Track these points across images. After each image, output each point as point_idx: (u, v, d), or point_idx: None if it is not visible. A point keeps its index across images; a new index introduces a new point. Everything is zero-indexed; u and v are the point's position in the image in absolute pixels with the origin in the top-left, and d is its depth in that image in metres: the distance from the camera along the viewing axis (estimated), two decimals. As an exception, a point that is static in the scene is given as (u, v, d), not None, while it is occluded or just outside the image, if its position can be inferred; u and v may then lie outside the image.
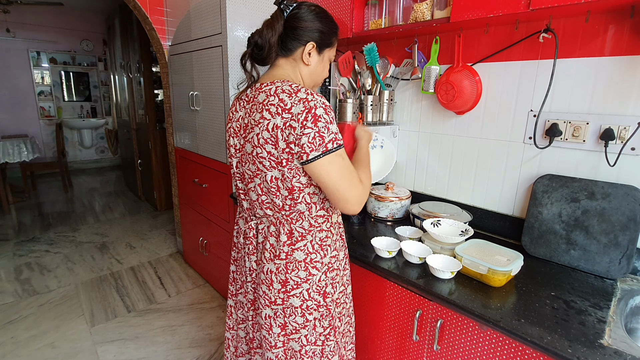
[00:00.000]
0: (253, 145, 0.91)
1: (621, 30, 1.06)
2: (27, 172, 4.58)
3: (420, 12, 1.34)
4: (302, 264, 0.98)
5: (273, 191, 0.93)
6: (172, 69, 2.54)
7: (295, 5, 0.95)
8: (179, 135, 2.61)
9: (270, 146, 0.87)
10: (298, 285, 0.98)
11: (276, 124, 0.85)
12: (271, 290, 0.99)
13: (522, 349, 0.85)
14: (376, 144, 1.36)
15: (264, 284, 1.01)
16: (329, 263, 1.02)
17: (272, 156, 0.88)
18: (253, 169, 0.94)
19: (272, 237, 0.99)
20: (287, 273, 0.97)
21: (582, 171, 1.19)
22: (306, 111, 0.83)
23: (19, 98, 5.56)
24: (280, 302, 0.99)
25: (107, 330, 2.09)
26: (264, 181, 0.93)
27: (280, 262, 0.97)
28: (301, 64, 0.98)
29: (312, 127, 0.83)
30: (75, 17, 5.83)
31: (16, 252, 3.08)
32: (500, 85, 1.34)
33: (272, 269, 0.98)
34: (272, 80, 0.91)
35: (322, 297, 1.01)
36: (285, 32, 0.94)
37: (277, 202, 0.94)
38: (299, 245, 0.97)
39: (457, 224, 1.27)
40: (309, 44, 0.95)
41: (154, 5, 2.46)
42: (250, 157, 0.93)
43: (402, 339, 1.15)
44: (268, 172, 0.91)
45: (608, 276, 1.08)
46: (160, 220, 3.90)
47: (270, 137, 0.86)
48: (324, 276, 1.01)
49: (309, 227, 0.98)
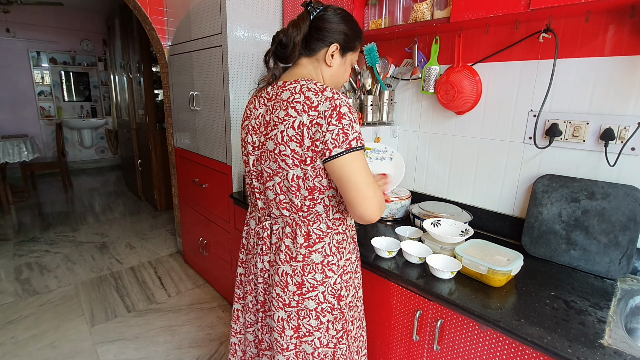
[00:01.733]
0: (276, 142, 0.89)
1: (621, 30, 1.06)
2: (27, 172, 4.58)
3: (420, 12, 1.34)
4: (319, 267, 0.96)
5: (293, 190, 0.91)
6: (172, 69, 2.54)
7: (322, 7, 0.95)
8: (179, 135, 2.61)
9: (295, 144, 0.86)
10: (314, 288, 0.97)
11: (302, 122, 0.85)
12: (286, 293, 0.98)
13: (522, 349, 0.85)
14: (386, 156, 1.36)
15: (278, 286, 0.99)
16: (344, 266, 1.01)
17: (295, 154, 0.87)
18: (274, 167, 0.92)
19: (288, 239, 0.97)
20: (303, 275, 0.96)
21: (582, 171, 1.19)
22: (332, 109, 0.83)
23: (19, 98, 5.56)
24: (294, 304, 0.98)
25: (107, 330, 2.09)
26: (285, 179, 0.91)
27: (296, 265, 0.96)
28: (323, 64, 0.98)
29: (337, 124, 0.83)
30: (75, 17, 5.83)
31: (16, 252, 3.08)
32: (500, 85, 1.34)
33: (287, 271, 0.97)
34: (296, 79, 0.91)
35: (337, 300, 1.00)
36: (310, 32, 0.94)
37: (295, 202, 0.93)
38: (317, 247, 0.96)
39: (457, 224, 1.27)
40: (333, 46, 0.96)
41: (154, 5, 2.46)
42: (272, 154, 0.91)
43: (402, 339, 1.15)
44: (290, 170, 0.89)
45: (608, 276, 1.08)
46: (160, 220, 3.90)
47: (295, 135, 0.86)
48: (340, 279, 1.00)
49: (327, 229, 0.97)
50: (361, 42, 1.04)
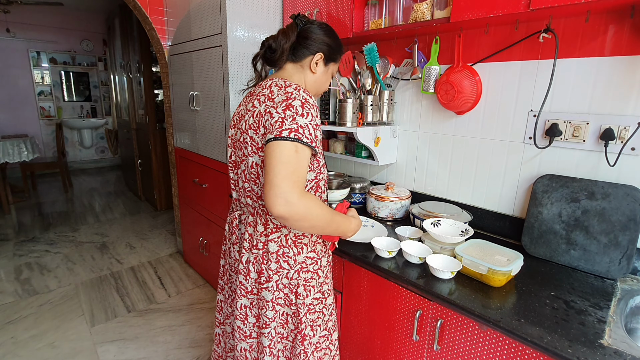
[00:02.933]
0: (242, 131, 0.97)
1: (621, 30, 1.06)
2: (27, 172, 4.58)
3: (420, 12, 1.34)
4: (274, 256, 1.00)
5: (253, 177, 0.97)
6: (172, 69, 2.54)
7: (309, 21, 1.04)
8: (179, 135, 2.61)
9: (252, 131, 0.93)
10: (269, 278, 1.00)
11: (259, 111, 0.92)
12: (248, 280, 1.03)
13: (522, 349, 0.85)
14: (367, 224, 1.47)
15: (241, 273, 1.04)
16: (302, 262, 1.02)
17: (253, 141, 0.93)
18: (240, 155, 1.00)
19: (250, 227, 1.02)
20: (262, 264, 1.00)
21: (582, 171, 1.19)
22: (284, 100, 0.88)
23: (19, 98, 5.56)
24: (256, 291, 1.03)
25: (107, 330, 2.09)
26: (247, 167, 0.98)
27: (257, 252, 1.01)
28: (308, 71, 1.05)
29: (280, 112, 0.86)
30: (75, 17, 5.83)
31: (16, 252, 3.08)
32: (500, 85, 1.34)
33: (250, 258, 1.02)
34: (282, 77, 0.99)
35: (294, 296, 1.02)
36: (298, 41, 1.02)
37: (255, 190, 0.99)
38: (273, 237, 0.99)
39: (457, 224, 1.27)
40: (318, 54, 1.03)
41: (154, 5, 2.46)
42: (239, 143, 0.99)
43: (402, 339, 1.15)
44: (250, 157, 0.95)
45: (608, 276, 1.08)
46: (160, 220, 3.90)
47: (253, 123, 0.93)
48: (297, 275, 1.01)
49: None
50: (341, 55, 1.12)
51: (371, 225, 1.47)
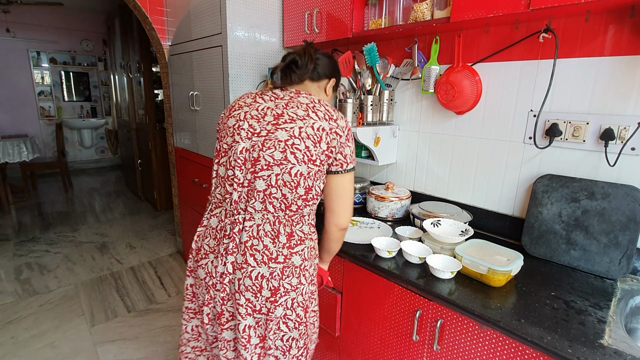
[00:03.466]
0: (291, 135, 0.91)
1: (621, 30, 1.06)
2: (27, 172, 4.58)
3: (420, 12, 1.34)
4: (297, 270, 0.94)
5: (291, 185, 0.91)
6: (172, 69, 2.53)
7: (318, 51, 1.10)
8: (179, 135, 2.61)
9: (311, 142, 0.91)
10: (287, 293, 0.94)
11: (322, 127, 0.93)
12: (258, 298, 0.92)
13: (522, 349, 0.85)
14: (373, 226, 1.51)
15: (248, 291, 0.92)
16: (312, 275, 1.02)
17: (308, 151, 0.91)
18: (278, 157, 0.90)
19: (267, 238, 0.92)
20: (281, 279, 0.93)
21: (582, 171, 1.19)
22: (347, 128, 0.98)
23: (19, 98, 5.56)
24: (265, 311, 0.93)
25: (107, 330, 2.09)
26: (286, 173, 0.90)
27: (276, 267, 0.92)
28: (322, 92, 1.12)
29: (350, 145, 0.99)
30: (75, 17, 5.83)
31: (16, 252, 3.08)
32: (500, 85, 1.34)
33: (264, 273, 0.92)
34: (310, 93, 1.01)
35: (304, 312, 0.99)
36: (316, 63, 1.07)
37: (288, 198, 0.92)
38: (297, 249, 0.95)
39: (457, 224, 1.27)
40: (333, 80, 1.12)
41: (154, 5, 2.46)
42: (282, 144, 0.90)
43: (402, 339, 1.15)
44: (297, 165, 0.91)
45: (608, 276, 1.08)
46: (160, 220, 3.90)
47: (314, 135, 0.92)
48: (308, 288, 1.00)
49: (308, 232, 0.98)
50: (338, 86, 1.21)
51: (377, 227, 1.47)
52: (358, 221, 1.52)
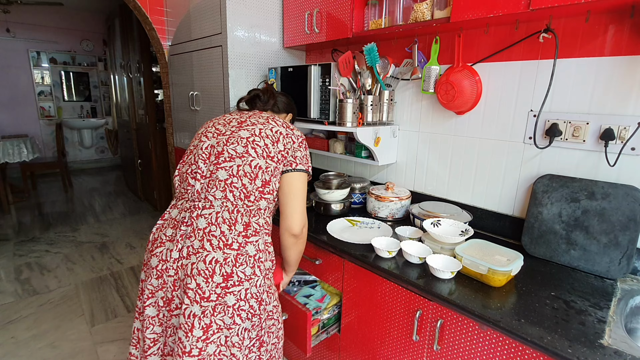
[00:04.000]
0: (252, 133, 1.04)
1: (621, 30, 1.06)
2: (27, 172, 4.58)
3: (420, 12, 1.34)
4: (251, 260, 0.99)
5: (251, 176, 1.00)
6: (172, 69, 2.54)
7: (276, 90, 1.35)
8: (179, 135, 2.61)
9: (270, 141, 1.04)
10: (240, 282, 0.96)
11: (280, 131, 1.07)
12: (208, 284, 0.93)
13: (522, 349, 0.85)
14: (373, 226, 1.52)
15: (200, 275, 0.94)
16: (267, 269, 1.05)
17: (267, 147, 1.03)
18: (240, 150, 1.02)
19: (225, 225, 0.98)
20: (234, 266, 0.96)
21: (582, 171, 1.19)
22: (301, 138, 1.12)
23: (19, 98, 5.56)
24: (214, 297, 0.94)
25: (107, 330, 2.09)
26: (246, 165, 1.01)
27: (230, 253, 0.96)
28: None
29: (303, 150, 1.10)
30: (75, 17, 5.83)
31: (16, 252, 3.08)
32: (500, 85, 1.34)
33: (218, 258, 0.95)
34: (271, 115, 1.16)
35: (258, 305, 1.01)
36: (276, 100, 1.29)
37: (248, 187, 1.00)
38: (252, 239, 1.00)
39: (457, 224, 1.27)
40: (290, 115, 1.38)
41: (154, 5, 2.46)
42: (244, 140, 1.03)
43: (402, 339, 1.15)
44: (257, 158, 1.01)
45: (608, 276, 1.08)
46: (160, 220, 3.89)
47: (272, 135, 1.05)
48: (263, 281, 1.02)
49: (263, 225, 1.04)
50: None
51: (377, 227, 1.47)
52: (358, 221, 1.52)
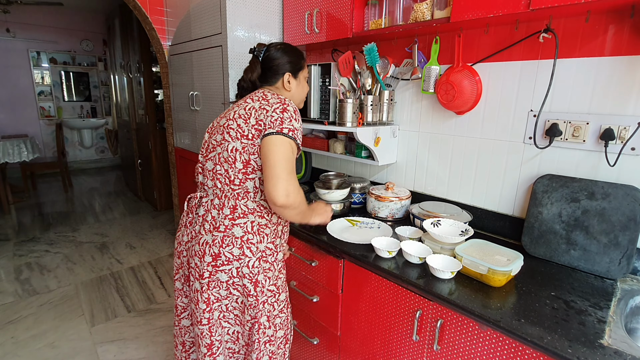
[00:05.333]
0: (227, 118, 1.08)
1: (621, 30, 1.06)
2: (27, 172, 4.58)
3: (420, 12, 1.34)
4: (238, 241, 1.02)
5: (230, 161, 1.03)
6: (172, 69, 2.54)
7: (265, 48, 1.18)
8: (179, 135, 2.61)
9: (242, 120, 1.04)
10: (229, 262, 1.03)
11: (252, 107, 1.05)
12: (202, 263, 1.04)
13: (522, 349, 0.85)
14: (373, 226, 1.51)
15: (196, 255, 1.06)
16: (263, 251, 1.06)
17: (240, 128, 1.03)
18: (219, 139, 1.07)
19: (215, 210, 1.06)
20: (221, 247, 1.02)
21: (582, 171, 1.19)
22: (280, 104, 1.04)
23: (19, 98, 5.56)
24: (207, 274, 1.04)
25: (107, 330, 2.09)
26: (225, 150, 1.04)
27: (217, 235, 1.02)
28: (283, 90, 1.20)
29: (279, 113, 1.02)
30: (75, 17, 5.83)
31: (16, 252, 3.08)
32: (500, 85, 1.34)
33: (208, 240, 1.03)
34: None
35: (253, 286, 1.05)
36: (264, 71, 1.18)
37: (230, 173, 1.04)
38: (240, 221, 1.03)
39: (457, 224, 1.27)
40: (286, 75, 1.19)
41: (154, 5, 2.46)
42: (221, 128, 1.08)
43: (402, 339, 1.15)
44: (232, 142, 1.03)
45: (608, 276, 1.08)
46: (160, 220, 3.90)
47: (244, 114, 1.05)
48: (257, 262, 1.05)
49: (253, 208, 1.05)
50: (305, 59, 1.25)
51: (377, 227, 1.47)
52: (358, 221, 1.52)
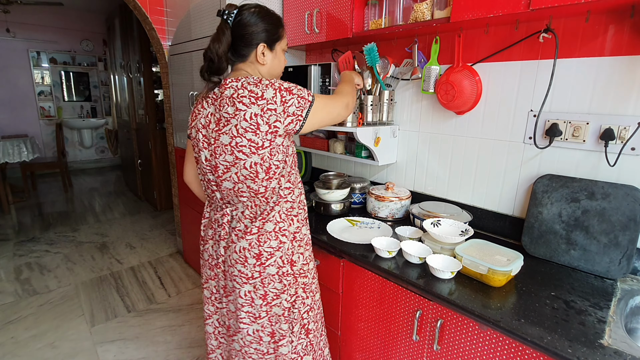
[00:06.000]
0: (231, 136, 0.96)
1: (621, 30, 1.06)
2: (27, 172, 4.58)
3: (420, 12, 1.34)
4: (272, 234, 1.03)
5: (252, 177, 0.99)
6: (172, 69, 2.54)
7: (237, 11, 0.99)
8: (179, 135, 2.61)
9: (251, 134, 0.94)
10: (271, 255, 1.04)
11: (254, 113, 0.93)
12: (247, 267, 1.04)
13: (522, 349, 0.85)
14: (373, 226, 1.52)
15: (238, 263, 1.04)
16: (294, 232, 1.08)
17: (252, 142, 0.95)
18: (230, 159, 0.98)
19: (247, 219, 1.05)
20: (259, 246, 1.02)
21: (582, 171, 1.19)
22: (277, 91, 0.94)
23: (19, 98, 5.56)
24: (257, 275, 1.04)
25: (107, 330, 2.09)
26: (242, 169, 0.98)
27: (251, 238, 1.02)
28: (257, 64, 1.06)
29: (291, 96, 0.95)
30: (75, 17, 5.83)
31: (16, 252, 3.08)
32: (500, 85, 1.34)
33: (244, 245, 1.03)
34: (236, 78, 0.97)
35: (290, 265, 1.08)
36: (235, 41, 1.00)
37: (253, 187, 1.01)
38: (269, 217, 1.04)
39: (457, 224, 1.27)
40: (260, 46, 1.02)
41: (154, 5, 2.46)
42: (229, 147, 0.97)
43: (402, 339, 1.15)
44: (248, 158, 0.97)
45: (608, 276, 1.08)
46: (160, 220, 3.90)
47: (249, 126, 0.93)
48: (291, 244, 1.07)
49: (278, 199, 1.05)
50: (283, 27, 1.08)
51: (377, 227, 1.47)
52: (358, 221, 1.52)
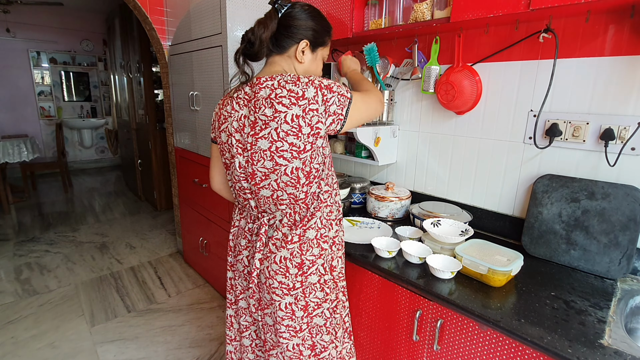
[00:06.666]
0: (271, 140, 0.89)
1: (621, 30, 1.06)
2: (27, 172, 4.58)
3: (420, 12, 1.34)
4: (314, 242, 0.99)
5: (293, 183, 0.93)
6: (172, 69, 2.54)
7: (290, 4, 0.96)
8: (179, 135, 2.61)
9: (293, 137, 0.88)
10: (313, 263, 0.99)
11: (295, 114, 0.86)
12: (288, 277, 0.98)
13: (522, 349, 0.85)
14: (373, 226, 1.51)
15: (278, 274, 0.98)
16: (334, 237, 1.05)
17: (294, 147, 0.88)
18: (269, 166, 0.92)
19: (286, 228, 0.98)
20: (302, 255, 0.98)
21: (582, 171, 1.19)
22: (318, 89, 0.87)
23: (19, 98, 5.56)
24: (299, 285, 0.99)
25: (107, 330, 2.09)
26: (283, 175, 0.92)
27: (293, 247, 0.97)
28: (295, 61, 1.00)
29: (332, 94, 0.88)
30: (75, 17, 5.83)
31: (16, 252, 3.08)
32: (500, 85, 1.34)
33: (285, 255, 0.97)
34: (271, 76, 0.91)
35: (330, 271, 1.05)
36: (279, 30, 0.96)
37: (295, 193, 0.94)
38: (310, 224, 0.98)
39: (457, 224, 1.27)
40: (303, 42, 0.97)
41: (154, 5, 2.46)
42: (268, 153, 0.90)
43: (402, 339, 1.15)
44: (289, 164, 0.90)
45: (608, 276, 1.08)
46: (160, 220, 3.90)
47: (290, 128, 0.87)
48: (330, 250, 1.04)
49: (319, 204, 0.99)
50: (330, 37, 1.05)
51: (377, 227, 1.47)
52: (358, 221, 1.52)
